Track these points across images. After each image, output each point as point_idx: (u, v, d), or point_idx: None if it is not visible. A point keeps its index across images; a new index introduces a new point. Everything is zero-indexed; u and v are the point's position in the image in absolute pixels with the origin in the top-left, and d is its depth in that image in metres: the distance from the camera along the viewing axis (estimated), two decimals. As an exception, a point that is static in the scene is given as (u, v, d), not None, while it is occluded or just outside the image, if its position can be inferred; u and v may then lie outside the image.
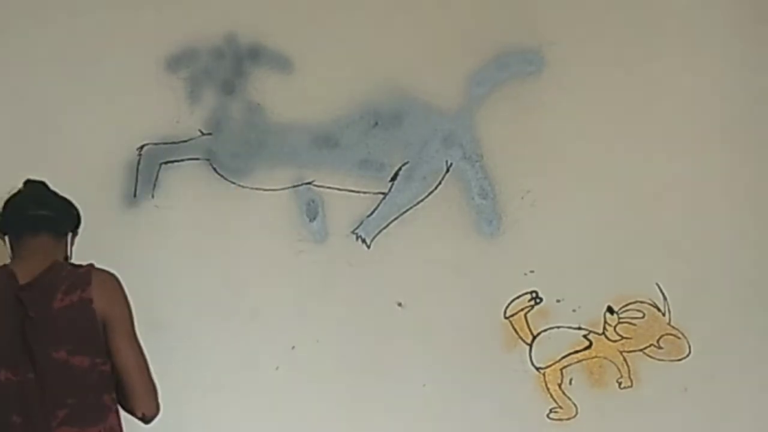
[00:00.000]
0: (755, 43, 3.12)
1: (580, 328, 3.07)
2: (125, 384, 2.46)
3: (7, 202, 2.59)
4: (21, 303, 2.42)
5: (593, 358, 3.07)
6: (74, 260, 2.92)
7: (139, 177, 3.05)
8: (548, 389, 3.06)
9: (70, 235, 2.62)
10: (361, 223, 3.06)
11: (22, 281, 2.44)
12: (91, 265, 2.51)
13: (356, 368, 3.03)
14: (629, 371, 3.06)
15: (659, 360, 3.06)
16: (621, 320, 3.06)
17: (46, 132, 3.05)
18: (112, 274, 2.52)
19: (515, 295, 3.06)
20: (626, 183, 3.08)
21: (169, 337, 3.02)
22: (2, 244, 2.59)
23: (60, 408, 2.40)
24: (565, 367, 3.06)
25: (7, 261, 2.53)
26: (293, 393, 3.03)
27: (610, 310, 3.06)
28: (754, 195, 3.09)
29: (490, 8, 3.11)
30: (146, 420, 2.48)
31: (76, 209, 2.64)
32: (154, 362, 2.99)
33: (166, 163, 3.05)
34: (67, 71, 3.06)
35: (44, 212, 2.55)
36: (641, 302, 3.06)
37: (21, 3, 3.08)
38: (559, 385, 3.06)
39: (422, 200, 3.07)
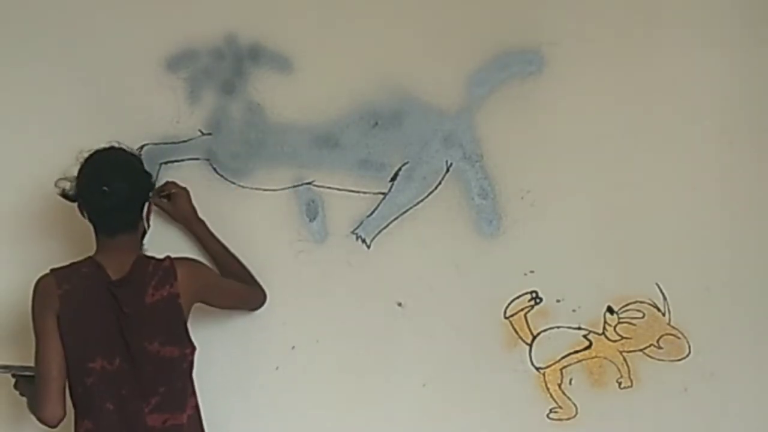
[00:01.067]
0: (756, 43, 3.11)
1: (580, 328, 3.07)
2: (240, 295, 2.89)
3: (84, 175, 2.70)
4: (114, 298, 2.60)
5: (593, 358, 3.06)
6: (70, 258, 2.94)
7: (139, 177, 3.05)
8: (548, 389, 3.06)
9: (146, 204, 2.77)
10: (361, 223, 3.06)
11: (113, 276, 2.63)
12: (170, 258, 2.69)
13: (356, 368, 3.03)
14: (629, 371, 3.06)
15: (659, 360, 3.06)
16: (621, 320, 3.06)
17: (46, 132, 3.05)
18: (189, 260, 2.76)
19: (515, 295, 3.06)
20: (626, 183, 3.07)
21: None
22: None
23: (153, 396, 2.60)
24: (565, 367, 3.06)
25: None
26: (293, 393, 3.03)
27: (610, 310, 3.06)
28: (754, 195, 3.08)
29: (490, 8, 3.10)
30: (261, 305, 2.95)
31: (148, 176, 2.78)
32: (154, 362, 3.01)
33: (166, 163, 3.05)
34: (67, 71, 3.06)
35: (123, 214, 2.68)
36: (641, 302, 3.06)
37: (21, 3, 3.09)
38: (559, 385, 3.06)
39: (422, 200, 3.07)
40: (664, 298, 3.06)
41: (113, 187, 2.64)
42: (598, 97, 3.07)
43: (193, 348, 2.67)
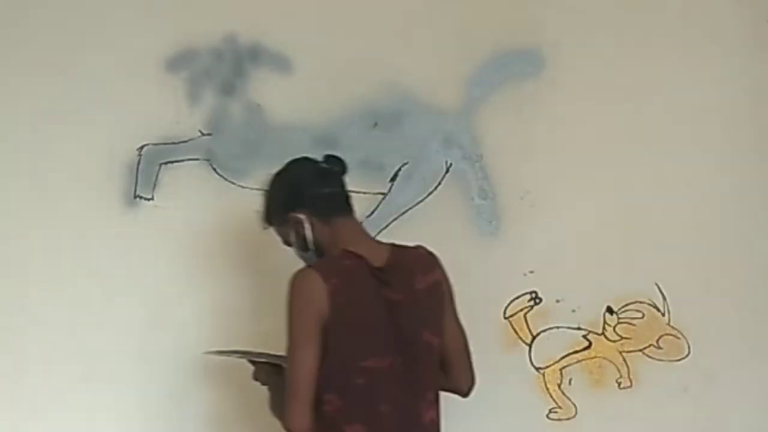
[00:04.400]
0: (757, 43, 3.11)
1: (579, 329, 3.07)
2: (451, 361, 2.52)
3: (295, 177, 2.53)
4: (384, 286, 2.39)
5: (593, 358, 3.07)
6: (70, 259, 2.94)
7: (139, 177, 3.06)
8: (548, 389, 3.06)
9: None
10: (361, 224, 3.06)
11: (376, 264, 2.41)
12: (421, 246, 2.53)
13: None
14: (629, 371, 3.06)
15: (659, 360, 3.06)
16: (620, 320, 3.06)
17: (46, 132, 3.06)
18: (433, 255, 2.54)
19: (515, 296, 3.06)
20: (626, 183, 3.08)
21: (170, 336, 3.03)
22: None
23: (429, 389, 2.43)
24: (564, 367, 3.06)
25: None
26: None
27: (609, 310, 3.06)
28: (754, 195, 3.09)
29: (490, 8, 3.10)
30: (467, 393, 2.58)
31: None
32: (153, 362, 3.02)
33: (166, 163, 3.06)
34: (67, 71, 3.06)
35: (347, 195, 2.52)
36: (641, 302, 3.06)
37: (21, 3, 3.09)
38: (559, 385, 3.06)
39: (422, 200, 3.07)
40: (664, 299, 3.06)
41: (331, 163, 2.53)
42: (598, 98, 3.07)
43: (441, 337, 2.47)
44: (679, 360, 3.06)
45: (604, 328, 3.06)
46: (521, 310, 3.06)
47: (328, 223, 2.47)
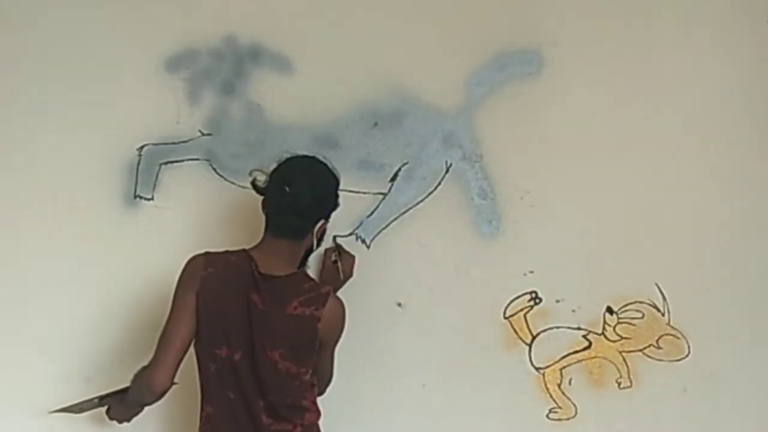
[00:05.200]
0: (757, 43, 3.11)
1: (579, 329, 3.07)
2: (317, 384, 2.72)
3: (276, 171, 2.69)
4: (256, 290, 2.57)
5: (593, 358, 3.07)
6: (70, 259, 2.95)
7: (139, 177, 3.06)
8: (548, 389, 3.06)
9: (321, 222, 2.71)
10: (361, 224, 3.06)
11: (262, 270, 2.58)
12: (330, 289, 2.65)
13: (356, 368, 3.03)
14: (629, 371, 3.06)
15: (658, 360, 3.06)
16: (620, 320, 3.06)
17: (47, 132, 3.06)
18: (341, 302, 2.67)
19: (515, 296, 3.06)
20: (626, 183, 3.07)
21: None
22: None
23: (262, 398, 2.57)
24: (564, 367, 3.06)
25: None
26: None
27: (609, 310, 3.06)
28: (754, 195, 3.08)
29: (489, 8, 3.10)
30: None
31: (334, 198, 2.74)
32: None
33: (166, 163, 3.06)
34: (67, 71, 3.07)
35: (295, 219, 2.63)
36: (640, 302, 3.06)
37: (21, 3, 3.09)
38: (559, 385, 3.06)
39: (422, 201, 3.07)
40: (664, 299, 3.06)
41: (295, 190, 2.61)
42: (597, 98, 3.07)
43: (308, 370, 2.63)
44: (679, 360, 3.06)
45: (604, 328, 3.06)
46: (521, 310, 3.06)
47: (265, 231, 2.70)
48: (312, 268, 2.90)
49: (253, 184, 2.70)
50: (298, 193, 2.60)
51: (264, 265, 2.59)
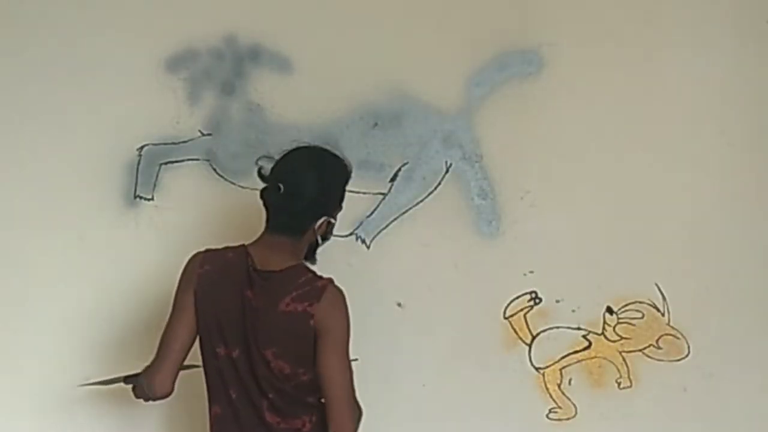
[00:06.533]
0: (757, 43, 3.11)
1: (579, 329, 3.07)
2: (325, 396, 2.46)
3: (277, 163, 2.56)
4: (251, 287, 2.48)
5: (592, 358, 3.07)
6: (70, 259, 2.94)
7: (139, 177, 3.06)
8: (548, 389, 3.06)
9: (323, 219, 2.56)
10: (361, 224, 3.07)
11: (258, 266, 2.50)
12: (330, 281, 2.50)
13: (356, 368, 3.02)
14: (628, 371, 3.06)
15: (658, 360, 3.07)
16: (620, 320, 3.06)
17: (47, 132, 3.06)
18: (341, 294, 2.49)
19: (515, 296, 3.06)
20: (626, 183, 3.08)
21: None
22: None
23: (264, 397, 2.47)
24: (564, 367, 3.06)
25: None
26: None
27: (609, 310, 3.06)
28: (753, 195, 3.09)
29: (489, 8, 3.10)
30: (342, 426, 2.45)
31: (334, 193, 2.60)
32: (153, 362, 3.02)
33: (166, 163, 3.06)
34: (68, 71, 3.06)
35: (290, 218, 2.52)
36: (640, 302, 3.06)
37: (21, 3, 3.09)
38: (559, 385, 3.06)
39: (422, 200, 3.07)
40: (664, 299, 3.06)
41: (291, 189, 2.49)
42: (597, 98, 3.07)
43: (307, 370, 2.46)
44: (678, 360, 3.07)
45: (604, 328, 3.07)
46: (521, 310, 3.06)
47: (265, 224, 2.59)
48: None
49: (259, 172, 2.60)
50: (294, 192, 2.49)
51: (260, 260, 2.51)
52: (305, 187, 2.50)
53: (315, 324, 2.43)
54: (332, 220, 2.60)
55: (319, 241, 2.59)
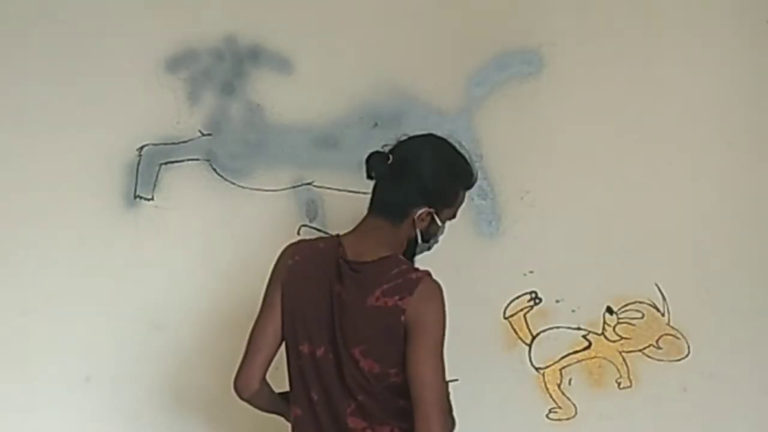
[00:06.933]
0: (755, 43, 3.11)
1: (579, 329, 3.07)
2: (414, 399, 2.25)
3: (400, 141, 2.43)
4: (340, 280, 2.32)
5: (592, 358, 3.07)
6: (70, 259, 2.94)
7: (139, 177, 3.06)
8: (547, 389, 3.06)
9: (425, 209, 2.38)
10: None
11: (350, 256, 2.34)
12: (426, 273, 2.33)
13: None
14: (628, 371, 3.06)
15: (658, 360, 3.06)
16: (620, 320, 3.06)
17: (47, 132, 3.06)
18: (438, 287, 2.32)
19: (515, 296, 3.06)
20: (626, 183, 3.07)
21: (170, 337, 3.03)
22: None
23: (352, 399, 2.31)
24: (564, 367, 3.06)
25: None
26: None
27: (609, 310, 3.06)
28: (753, 195, 3.09)
29: (489, 8, 3.10)
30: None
31: (444, 183, 2.40)
32: (153, 363, 3.02)
33: (166, 163, 3.06)
34: (68, 72, 3.07)
35: (392, 194, 2.36)
36: (640, 303, 3.06)
37: (21, 3, 3.09)
38: (559, 386, 3.06)
39: (422, 200, 3.06)
40: (664, 299, 3.06)
41: (402, 162, 2.34)
42: (597, 98, 3.07)
43: (399, 371, 2.28)
44: (678, 360, 3.06)
45: (603, 328, 3.07)
46: (521, 310, 3.06)
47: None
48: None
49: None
50: (403, 166, 2.32)
51: (353, 250, 2.34)
52: (416, 163, 2.36)
53: (406, 319, 2.25)
54: (436, 217, 2.41)
55: (419, 237, 2.40)
